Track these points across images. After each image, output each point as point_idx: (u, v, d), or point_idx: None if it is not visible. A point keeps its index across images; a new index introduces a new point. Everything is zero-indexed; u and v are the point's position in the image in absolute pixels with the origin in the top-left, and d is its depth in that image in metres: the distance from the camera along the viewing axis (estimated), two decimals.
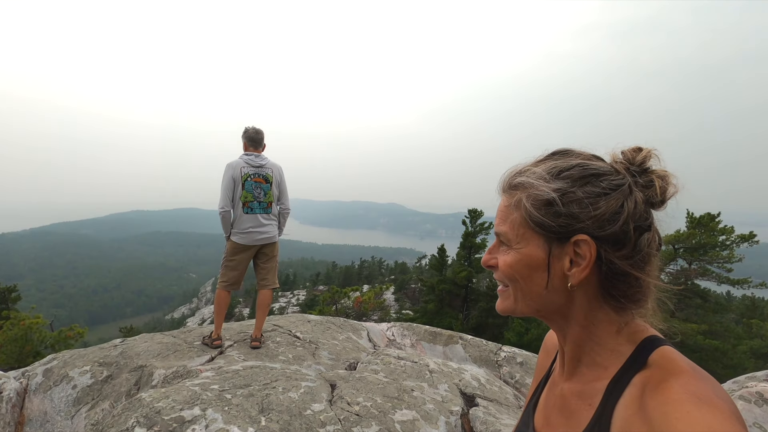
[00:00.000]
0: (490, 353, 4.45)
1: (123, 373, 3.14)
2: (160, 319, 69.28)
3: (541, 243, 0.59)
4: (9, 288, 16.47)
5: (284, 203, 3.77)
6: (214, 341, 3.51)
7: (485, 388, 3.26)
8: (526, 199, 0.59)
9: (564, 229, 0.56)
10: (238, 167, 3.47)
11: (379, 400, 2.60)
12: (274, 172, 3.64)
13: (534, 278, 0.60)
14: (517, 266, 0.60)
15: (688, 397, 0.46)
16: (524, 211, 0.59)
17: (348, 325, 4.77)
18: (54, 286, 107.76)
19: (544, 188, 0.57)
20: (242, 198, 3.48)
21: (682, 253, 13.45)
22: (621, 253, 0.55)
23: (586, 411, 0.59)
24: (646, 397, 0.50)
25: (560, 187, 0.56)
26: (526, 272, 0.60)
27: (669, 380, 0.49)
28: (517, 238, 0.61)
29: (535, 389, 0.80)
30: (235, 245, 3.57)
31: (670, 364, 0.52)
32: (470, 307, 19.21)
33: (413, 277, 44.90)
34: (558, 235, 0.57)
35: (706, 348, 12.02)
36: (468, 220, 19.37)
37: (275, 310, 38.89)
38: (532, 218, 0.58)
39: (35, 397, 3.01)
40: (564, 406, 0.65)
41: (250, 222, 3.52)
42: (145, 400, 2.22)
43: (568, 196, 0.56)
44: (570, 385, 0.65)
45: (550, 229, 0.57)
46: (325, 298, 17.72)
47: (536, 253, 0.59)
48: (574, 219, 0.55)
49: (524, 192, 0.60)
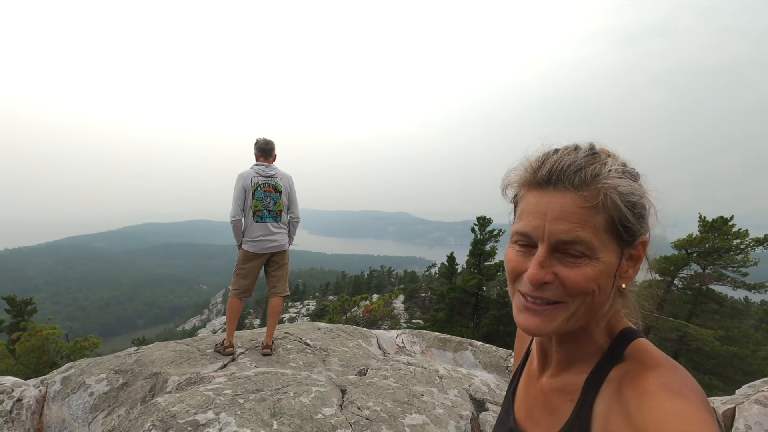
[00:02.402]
0: (500, 359, 4.43)
1: (138, 380, 3.20)
2: (171, 331, 69.62)
3: (617, 248, 0.54)
4: (26, 300, 16.77)
5: (294, 212, 3.83)
6: (226, 348, 3.57)
7: (495, 393, 3.26)
8: (620, 198, 0.51)
9: (639, 232, 0.54)
10: (248, 177, 3.55)
11: (389, 404, 2.63)
12: (284, 181, 3.70)
13: (606, 288, 0.54)
14: (601, 279, 0.52)
15: (660, 388, 0.49)
16: (615, 212, 0.52)
17: (358, 333, 4.79)
18: (68, 299, 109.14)
19: (634, 186, 0.52)
20: (253, 207, 3.56)
21: (695, 257, 13.23)
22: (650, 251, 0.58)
23: (566, 406, 0.61)
24: (623, 389, 0.53)
25: (640, 188, 0.53)
26: (604, 284, 0.53)
27: (644, 373, 0.52)
28: (601, 247, 0.52)
29: (513, 376, 0.82)
30: (246, 253, 3.63)
31: (645, 357, 0.55)
32: (481, 315, 19.04)
33: (423, 285, 44.66)
34: (632, 238, 0.54)
35: (724, 354, 11.75)
36: (477, 228, 19.29)
37: (285, 320, 38.92)
38: (623, 221, 0.52)
39: (54, 405, 3.09)
40: (546, 401, 0.66)
41: (260, 230, 3.59)
42: (160, 404, 2.27)
43: (645, 197, 0.54)
44: (550, 379, 0.66)
45: (632, 233, 0.53)
46: (335, 307, 17.73)
47: (614, 261, 0.54)
48: (645, 221, 0.55)
49: (614, 191, 0.51)
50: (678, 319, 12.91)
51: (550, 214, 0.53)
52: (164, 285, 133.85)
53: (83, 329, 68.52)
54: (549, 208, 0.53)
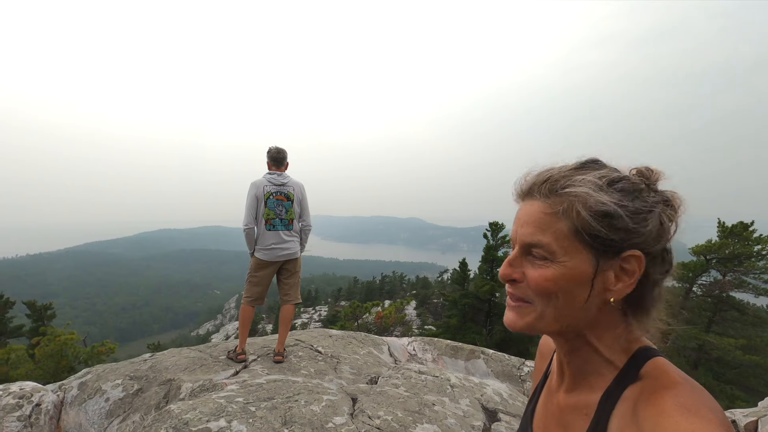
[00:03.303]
0: (513, 368, 4.38)
1: (152, 386, 3.24)
2: (186, 336, 70.41)
3: (590, 256, 0.55)
4: (45, 306, 17.19)
5: (305, 220, 3.85)
6: (238, 355, 3.60)
7: (508, 404, 3.22)
8: (583, 207, 0.54)
9: (619, 244, 0.54)
10: (261, 186, 3.60)
11: (400, 414, 2.61)
12: (296, 190, 3.74)
13: (575, 294, 0.56)
14: (561, 281, 0.56)
15: (677, 408, 0.48)
16: (578, 220, 0.55)
17: (369, 340, 4.79)
18: (86, 304, 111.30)
19: (604, 198, 0.54)
20: (265, 215, 3.60)
21: (715, 263, 12.90)
22: (663, 269, 0.58)
23: (581, 423, 0.61)
24: (638, 408, 0.52)
25: (619, 200, 0.54)
26: (568, 288, 0.56)
27: (660, 392, 0.51)
28: (562, 251, 0.56)
29: (532, 395, 0.82)
30: (258, 261, 3.67)
31: (662, 376, 0.54)
32: (494, 322, 18.84)
33: (435, 291, 44.42)
34: (611, 249, 0.54)
35: (746, 364, 11.40)
36: (489, 234, 19.15)
37: (297, 325, 39.04)
38: (588, 229, 0.54)
39: (71, 410, 3.15)
40: (561, 417, 0.67)
41: (272, 239, 3.62)
42: (173, 411, 2.30)
43: (625, 209, 0.54)
44: (566, 396, 0.66)
45: (605, 243, 0.54)
46: (346, 313, 17.73)
47: (583, 268, 0.55)
48: (632, 234, 0.54)
49: (578, 200, 0.55)
50: (697, 327, 12.58)
51: (521, 219, 0.60)
52: (179, 290, 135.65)
53: (100, 334, 69.73)
54: (521, 214, 0.61)
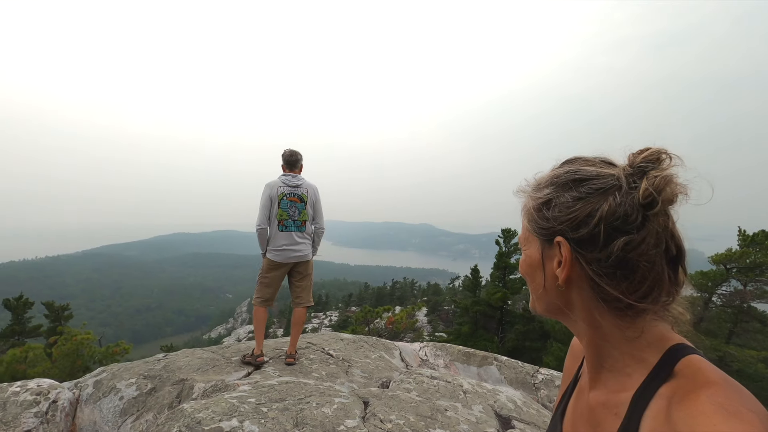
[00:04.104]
0: (527, 375, 4.30)
1: (166, 386, 3.27)
2: (198, 339, 71.03)
3: (537, 245, 0.65)
4: (63, 306, 17.54)
5: (318, 223, 3.85)
6: (257, 357, 3.57)
7: (522, 411, 3.16)
8: (524, 206, 0.68)
9: (547, 232, 0.61)
10: (275, 187, 3.62)
11: (412, 418, 2.58)
12: (310, 192, 3.75)
13: (536, 278, 0.66)
14: (523, 266, 0.69)
15: (715, 409, 0.45)
16: (525, 216, 0.67)
17: (380, 344, 4.76)
18: (102, 305, 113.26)
19: (536, 195, 0.64)
20: (278, 216, 3.62)
21: (735, 273, 12.55)
22: (591, 255, 0.55)
23: (612, 422, 0.58)
24: (672, 409, 0.49)
25: (546, 194, 0.62)
26: (529, 272, 0.68)
27: (696, 391, 0.48)
28: (524, 241, 0.69)
29: (562, 396, 0.79)
30: (270, 262, 3.68)
31: (698, 375, 0.51)
32: (506, 330, 18.60)
33: (446, 298, 44.11)
34: (545, 238, 0.62)
35: None
36: (501, 240, 18.98)
37: (308, 330, 39.10)
38: (529, 223, 0.66)
39: (86, 408, 3.19)
40: (591, 416, 0.64)
41: (284, 240, 3.63)
42: (186, 410, 2.31)
43: (552, 201, 0.61)
44: (596, 394, 0.64)
45: (539, 233, 0.63)
46: (357, 318, 17.70)
47: (534, 255, 0.66)
48: (555, 222, 0.60)
49: (525, 200, 0.68)
50: (717, 338, 12.23)
51: None
52: (192, 293, 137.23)
53: (115, 335, 70.78)
54: None
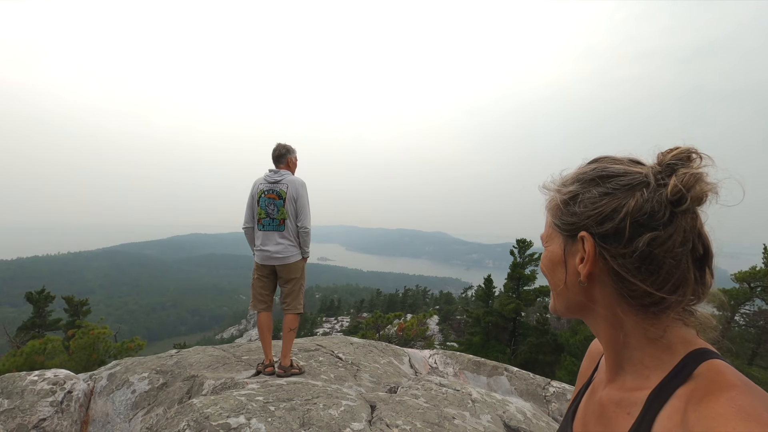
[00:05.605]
0: (538, 387, 4.23)
1: (177, 381, 3.32)
2: (210, 339, 71.70)
3: (560, 241, 0.65)
4: (82, 301, 17.98)
5: (301, 221, 3.47)
6: (266, 368, 3.43)
7: (531, 423, 3.10)
8: (549, 202, 0.68)
9: (571, 227, 0.61)
10: (257, 184, 3.48)
11: (419, 424, 2.56)
12: (290, 187, 3.43)
13: (556, 274, 0.66)
14: (544, 261, 0.69)
15: (735, 411, 0.43)
16: (550, 212, 0.67)
17: (390, 350, 4.74)
18: (119, 302, 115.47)
19: (562, 190, 0.64)
20: (257, 214, 3.46)
21: (760, 292, 12.13)
22: (616, 250, 0.55)
23: (624, 420, 0.57)
24: (689, 409, 0.47)
25: (572, 190, 0.62)
26: (550, 267, 0.67)
27: (715, 393, 0.47)
28: (547, 238, 0.69)
29: (575, 396, 0.79)
30: (255, 264, 3.54)
31: (718, 377, 0.49)
32: (518, 342, 18.28)
33: (459, 307, 43.65)
34: (569, 233, 0.62)
35: None
36: (516, 251, 18.72)
37: (319, 334, 39.13)
38: (553, 219, 0.66)
39: (99, 399, 3.25)
40: (602, 413, 0.63)
41: (261, 239, 3.45)
42: (195, 405, 2.34)
43: (578, 197, 0.61)
44: (609, 392, 0.63)
45: (563, 228, 0.63)
46: (368, 323, 17.66)
47: (557, 251, 0.66)
48: (579, 217, 0.60)
49: (550, 196, 0.68)
50: (740, 359, 11.79)
51: None
52: (207, 294, 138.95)
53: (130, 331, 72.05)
54: None
